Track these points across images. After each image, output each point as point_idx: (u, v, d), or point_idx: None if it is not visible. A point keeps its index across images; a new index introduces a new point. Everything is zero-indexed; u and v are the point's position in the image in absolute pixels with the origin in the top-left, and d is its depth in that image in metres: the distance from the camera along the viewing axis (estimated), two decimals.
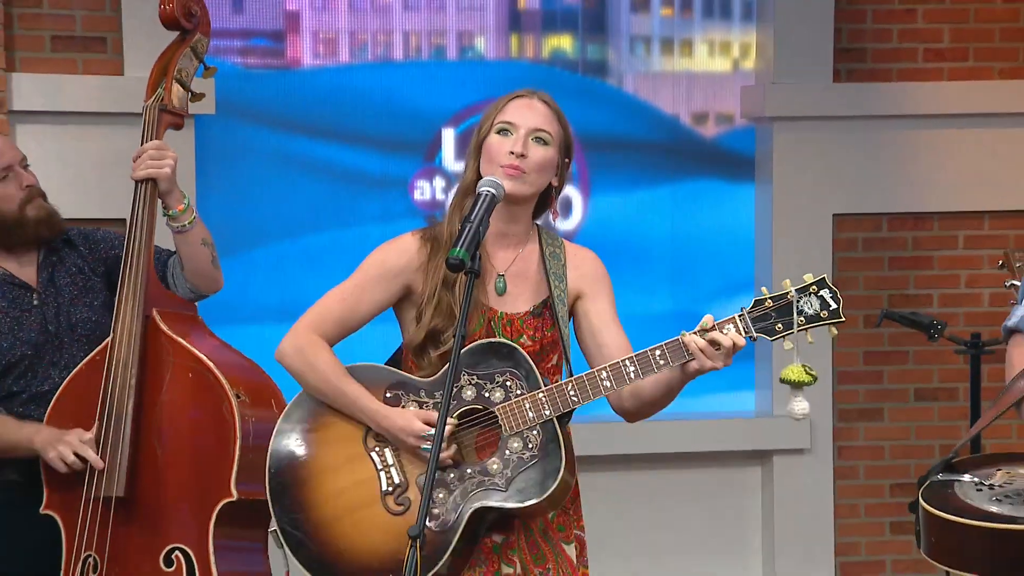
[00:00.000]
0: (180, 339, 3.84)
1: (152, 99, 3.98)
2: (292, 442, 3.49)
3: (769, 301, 3.32)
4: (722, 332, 3.27)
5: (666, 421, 5.97)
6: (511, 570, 3.44)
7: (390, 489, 3.40)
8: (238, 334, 4.18)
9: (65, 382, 3.91)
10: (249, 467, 3.71)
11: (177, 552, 3.76)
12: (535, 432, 3.35)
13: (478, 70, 6.34)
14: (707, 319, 3.27)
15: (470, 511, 3.33)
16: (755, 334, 3.30)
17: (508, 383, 3.38)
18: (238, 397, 3.75)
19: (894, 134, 6.28)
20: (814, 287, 3.32)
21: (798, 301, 3.31)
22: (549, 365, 3.46)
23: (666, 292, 6.35)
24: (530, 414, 3.35)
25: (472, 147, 3.49)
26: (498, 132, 3.43)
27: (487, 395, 3.39)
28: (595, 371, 3.36)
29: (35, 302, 4.02)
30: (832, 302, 3.33)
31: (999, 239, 5.80)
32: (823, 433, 6.27)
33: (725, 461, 6.30)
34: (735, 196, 6.42)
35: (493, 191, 3.19)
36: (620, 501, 5.90)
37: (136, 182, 3.94)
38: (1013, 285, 4.51)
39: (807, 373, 3.30)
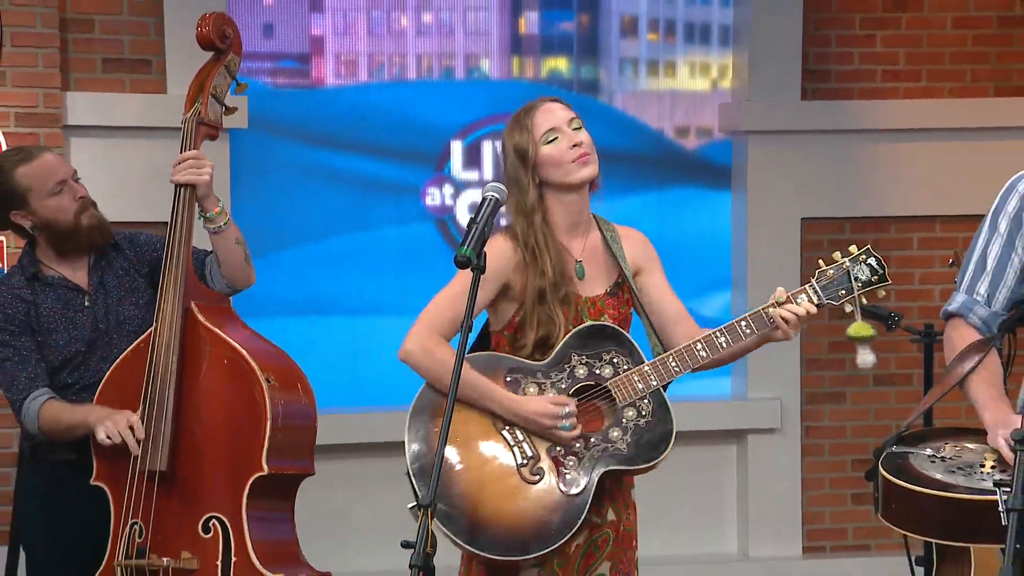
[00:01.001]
0: (216, 329, 3.82)
1: (190, 113, 3.96)
2: (428, 428, 3.43)
3: (829, 271, 3.40)
4: (796, 303, 3.35)
5: None
6: (603, 517, 3.44)
7: (524, 461, 3.38)
8: (267, 325, 4.17)
9: (112, 367, 3.90)
10: (278, 444, 3.73)
11: (214, 520, 3.73)
12: (646, 401, 3.38)
13: (483, 88, 6.34)
14: (780, 292, 3.36)
15: (600, 473, 3.35)
16: (824, 301, 3.38)
17: (615, 360, 3.40)
18: (268, 381, 3.73)
19: (856, 147, 6.29)
20: (863, 256, 3.42)
21: (852, 269, 3.40)
22: None
23: None
24: (639, 385, 3.38)
25: (521, 174, 3.43)
26: (548, 143, 3.43)
27: (598, 372, 3.40)
28: (691, 343, 3.39)
29: (87, 303, 3.99)
30: (879, 267, 3.41)
31: (949, 241, 5.81)
32: (792, 415, 6.28)
33: (704, 440, 6.23)
34: (714, 202, 6.42)
35: (496, 195, 3.16)
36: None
37: (176, 187, 3.91)
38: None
39: (872, 329, 3.37)
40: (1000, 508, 2.72)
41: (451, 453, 3.40)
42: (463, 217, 6.07)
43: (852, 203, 6.28)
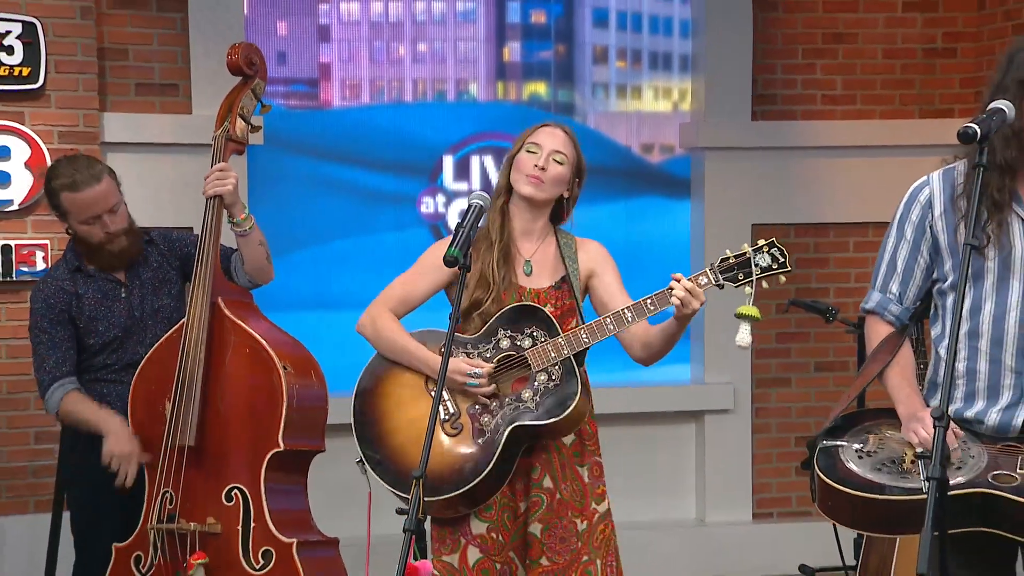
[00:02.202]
0: (240, 322, 3.84)
1: (220, 130, 3.97)
2: (371, 389, 3.57)
3: (732, 258, 3.41)
4: (697, 281, 3.37)
5: (619, 388, 6.06)
6: (542, 484, 3.49)
7: (446, 417, 3.46)
8: (282, 318, 4.16)
9: (148, 355, 3.92)
10: (293, 424, 3.77)
11: (235, 490, 3.76)
12: (557, 367, 3.42)
13: (471, 110, 6.33)
14: (677, 275, 3.36)
15: (509, 428, 3.40)
16: (721, 280, 3.38)
17: (535, 333, 3.45)
18: (285, 369, 3.76)
19: (799, 161, 6.29)
20: (766, 246, 3.41)
21: (754, 256, 3.40)
22: (568, 328, 3.50)
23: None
24: (552, 354, 3.42)
25: (506, 161, 3.60)
26: (527, 151, 3.53)
27: (519, 343, 3.46)
28: (601, 318, 3.44)
29: (123, 294, 4.01)
30: (781, 257, 3.41)
31: (880, 245, 5.87)
32: (744, 397, 6.28)
33: (667, 420, 6.29)
34: (675, 210, 6.40)
35: (481, 203, 3.17)
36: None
37: (206, 199, 3.94)
38: None
39: (758, 312, 3.36)
40: (922, 477, 2.74)
41: (386, 413, 3.54)
42: (454, 223, 6.05)
43: (796, 211, 6.27)
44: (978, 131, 2.74)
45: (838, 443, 3.03)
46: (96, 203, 3.97)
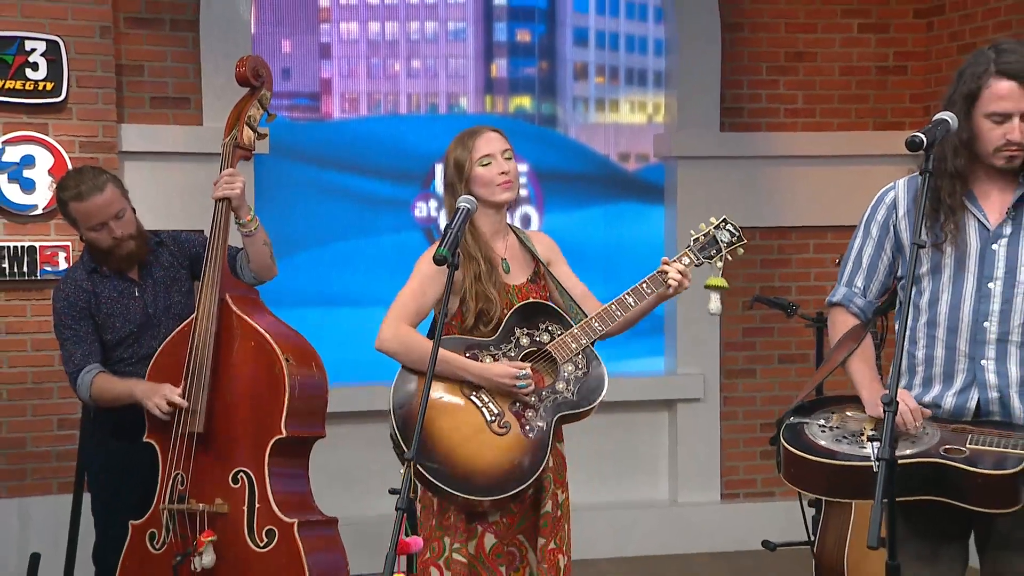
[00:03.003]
0: (246, 317, 3.83)
1: (228, 138, 3.95)
2: (410, 402, 3.38)
3: (701, 237, 3.48)
4: (682, 262, 3.43)
5: None
6: (548, 464, 3.43)
7: (492, 419, 3.38)
8: (287, 314, 4.15)
9: (161, 347, 3.90)
10: (295, 412, 3.75)
11: (241, 473, 3.74)
12: (579, 357, 3.41)
13: (462, 121, 6.20)
14: (665, 260, 3.45)
15: (555, 418, 3.38)
16: (701, 259, 3.47)
17: (550, 328, 3.43)
18: (287, 360, 3.74)
19: (764, 170, 6.28)
20: (722, 224, 3.51)
21: (716, 234, 3.49)
22: None
23: (600, 285, 6.24)
24: (572, 345, 3.40)
25: (455, 183, 3.45)
26: (483, 165, 3.43)
27: (538, 339, 3.42)
28: (607, 306, 3.42)
29: (137, 292, 3.99)
30: (735, 230, 3.51)
31: (839, 247, 5.64)
32: (713, 387, 6.27)
33: (642, 408, 6.28)
34: (649, 214, 6.39)
35: (469, 206, 3.13)
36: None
37: (216, 201, 3.91)
38: None
39: (726, 282, 3.43)
40: (872, 458, 2.74)
41: (432, 420, 3.34)
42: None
43: (761, 215, 6.26)
44: (924, 140, 2.78)
45: (803, 420, 3.05)
46: (101, 211, 3.92)
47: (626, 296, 3.41)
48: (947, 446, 2.89)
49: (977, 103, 2.91)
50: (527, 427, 3.38)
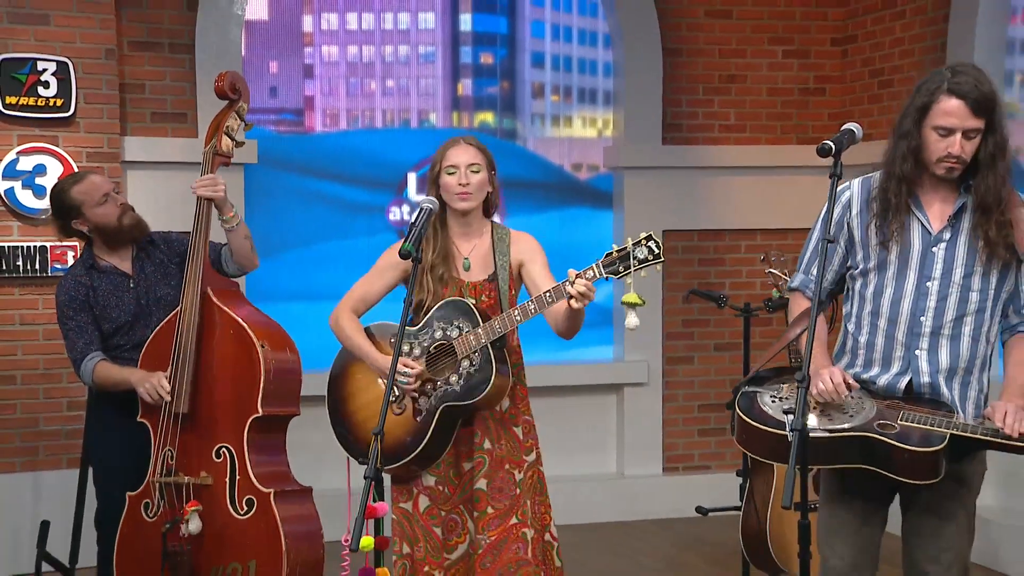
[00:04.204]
0: (225, 307, 3.80)
1: (208, 146, 3.91)
2: (338, 376, 3.53)
3: (615, 252, 3.19)
4: (584, 276, 3.16)
5: (555, 365, 6.08)
6: (483, 447, 3.43)
7: (393, 399, 3.39)
8: (273, 307, 4.14)
9: (151, 335, 3.88)
10: (270, 393, 3.73)
11: (223, 449, 3.73)
12: (477, 355, 3.32)
13: (431, 135, 6.34)
14: (572, 272, 3.17)
15: (440, 407, 3.36)
16: (604, 273, 3.17)
17: (461, 325, 3.35)
18: (263, 347, 3.72)
19: (701, 179, 6.29)
20: (644, 240, 3.19)
21: (633, 250, 3.17)
22: (496, 315, 3.42)
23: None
24: (473, 342, 3.32)
25: (430, 181, 3.45)
26: (448, 173, 3.39)
27: (449, 333, 3.37)
28: (511, 310, 3.31)
29: (131, 285, 3.97)
30: (656, 248, 3.17)
31: (766, 247, 5.79)
32: (656, 373, 6.28)
33: (593, 392, 6.30)
34: (600, 219, 6.41)
35: (431, 206, 3.12)
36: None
37: (197, 202, 3.86)
38: (771, 272, 4.52)
39: (640, 299, 3.17)
40: (787, 429, 2.75)
41: (352, 395, 3.49)
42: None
43: (698, 219, 6.29)
44: (832, 147, 2.81)
45: (757, 389, 3.03)
46: (102, 184, 3.98)
47: (528, 304, 3.28)
48: (881, 421, 2.89)
49: (927, 116, 2.90)
50: (418, 410, 3.39)
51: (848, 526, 3.04)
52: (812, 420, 2.91)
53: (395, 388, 3.40)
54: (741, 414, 2.99)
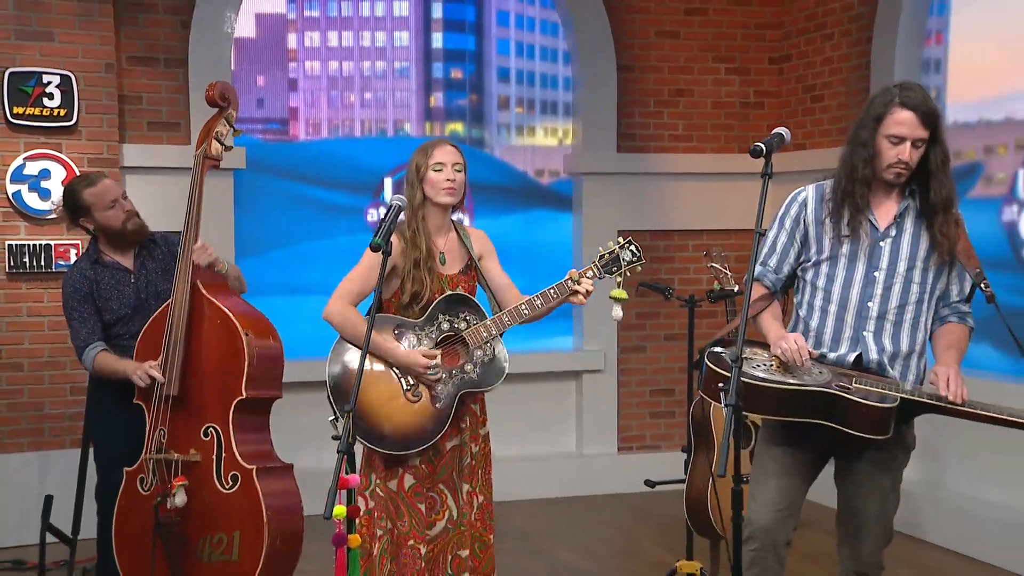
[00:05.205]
0: (213, 298, 3.78)
1: (199, 150, 3.88)
2: (343, 367, 3.35)
3: (606, 255, 3.35)
4: (586, 276, 3.31)
5: (520, 354, 5.93)
6: (465, 424, 3.44)
7: (407, 388, 3.34)
8: (261, 301, 4.09)
9: (146, 325, 3.86)
10: (254, 377, 3.72)
11: (211, 428, 3.71)
12: (488, 345, 3.34)
13: (406, 143, 6.31)
14: (573, 272, 3.30)
15: (458, 393, 3.34)
16: (603, 275, 3.34)
17: (468, 317, 3.36)
18: (247, 335, 3.71)
19: (652, 184, 6.32)
20: (626, 244, 3.37)
21: (621, 252, 3.36)
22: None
23: (520, 278, 6.18)
24: (484, 334, 3.33)
25: (414, 180, 3.40)
26: (435, 170, 3.36)
27: (457, 326, 3.36)
28: (517, 305, 3.34)
29: (132, 280, 3.97)
30: (637, 251, 3.39)
31: (712, 245, 5.89)
32: (611, 361, 6.31)
33: (554, 378, 6.32)
34: (560, 220, 6.42)
35: (399, 203, 3.09)
36: (488, 401, 6.02)
37: (188, 203, 3.80)
38: (712, 267, 4.54)
39: (626, 294, 3.29)
40: (722, 403, 2.72)
41: (362, 386, 3.24)
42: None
43: (650, 220, 6.31)
44: (763, 148, 2.85)
45: (723, 351, 3.05)
46: (111, 189, 3.96)
47: (535, 298, 3.33)
48: (839, 383, 2.92)
49: (881, 125, 2.96)
50: (435, 398, 3.36)
51: (778, 474, 3.07)
52: (777, 376, 2.94)
53: (411, 375, 3.35)
54: (711, 364, 2.96)
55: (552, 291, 3.33)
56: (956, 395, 2.89)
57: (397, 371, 3.37)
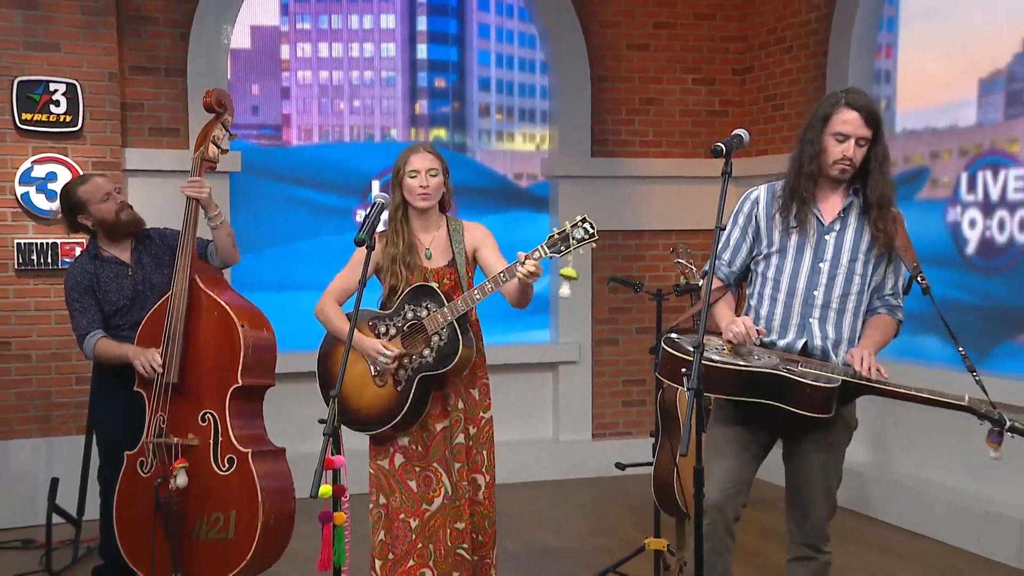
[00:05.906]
0: (210, 292, 3.79)
1: (197, 153, 3.89)
2: (327, 354, 3.46)
3: (556, 235, 3.16)
4: (532, 258, 3.16)
5: (502, 346, 6.03)
6: (454, 407, 3.43)
7: (375, 374, 3.39)
8: (257, 296, 4.10)
9: (146, 317, 3.87)
10: (248, 366, 3.73)
11: (208, 414, 3.72)
12: (445, 331, 3.32)
13: (392, 147, 6.31)
14: (520, 254, 3.16)
15: (417, 377, 3.35)
16: (550, 254, 3.14)
17: (429, 306, 3.34)
18: (242, 326, 3.73)
19: (624, 187, 6.33)
20: (579, 221, 3.14)
21: (571, 231, 3.13)
22: (456, 297, 3.39)
23: None
24: (440, 320, 3.31)
25: (395, 183, 3.43)
26: (411, 177, 3.37)
27: (419, 314, 3.36)
28: (471, 290, 3.30)
29: (130, 273, 3.96)
30: (590, 228, 3.13)
31: (678, 244, 5.97)
32: (586, 353, 6.32)
33: (532, 369, 6.32)
34: (538, 221, 6.42)
35: (382, 201, 3.06)
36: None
37: (186, 201, 3.84)
38: (679, 262, 4.57)
39: (575, 273, 3.13)
40: (685, 387, 2.71)
41: (338, 369, 3.36)
42: (380, 229, 6.03)
43: (622, 221, 6.32)
44: (723, 148, 2.89)
45: (680, 337, 3.07)
46: (104, 184, 3.96)
47: (486, 283, 3.29)
48: (787, 366, 2.96)
49: (828, 124, 2.99)
50: (397, 382, 3.39)
51: (728, 454, 3.10)
52: (729, 358, 2.97)
53: (376, 367, 3.39)
54: (667, 348, 2.96)
55: (502, 275, 3.26)
56: (869, 371, 2.92)
57: (367, 360, 3.41)
